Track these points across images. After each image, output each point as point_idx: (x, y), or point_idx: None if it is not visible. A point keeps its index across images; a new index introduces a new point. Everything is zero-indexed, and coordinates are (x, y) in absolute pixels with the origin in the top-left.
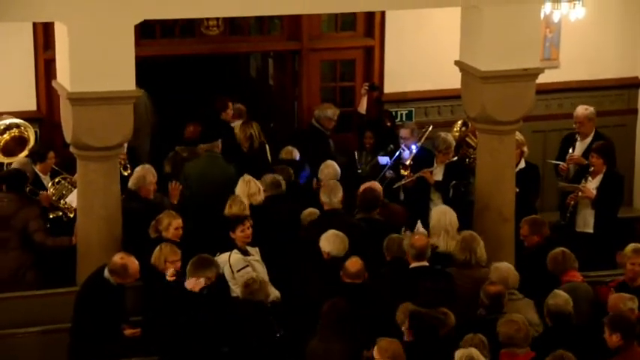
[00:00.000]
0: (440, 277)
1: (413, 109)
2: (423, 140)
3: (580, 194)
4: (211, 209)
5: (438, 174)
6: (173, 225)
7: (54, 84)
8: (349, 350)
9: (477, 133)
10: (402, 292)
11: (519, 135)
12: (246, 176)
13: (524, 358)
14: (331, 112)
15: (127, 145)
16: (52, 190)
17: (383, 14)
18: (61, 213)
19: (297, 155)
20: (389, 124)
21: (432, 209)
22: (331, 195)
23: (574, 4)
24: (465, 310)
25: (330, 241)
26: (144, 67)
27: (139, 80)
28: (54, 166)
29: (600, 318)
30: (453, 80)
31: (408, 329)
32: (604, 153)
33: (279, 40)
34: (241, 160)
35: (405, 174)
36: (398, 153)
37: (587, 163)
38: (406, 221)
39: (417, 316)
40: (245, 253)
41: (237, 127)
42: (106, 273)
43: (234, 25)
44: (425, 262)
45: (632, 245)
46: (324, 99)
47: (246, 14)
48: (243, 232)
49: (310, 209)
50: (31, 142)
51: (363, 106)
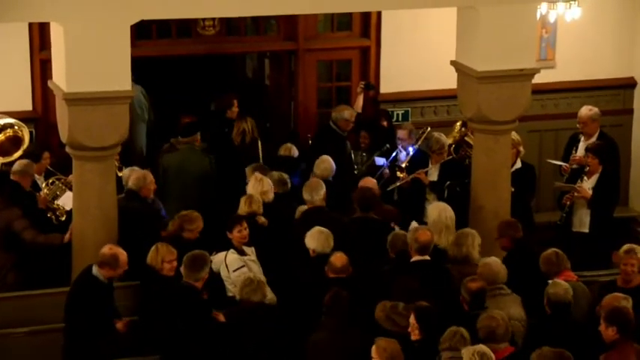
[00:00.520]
0: (416, 277)
1: (409, 109)
2: (420, 142)
3: (576, 194)
4: (187, 200)
5: (433, 174)
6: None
7: (50, 84)
8: (360, 336)
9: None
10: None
11: (515, 135)
12: (258, 174)
13: (503, 353)
14: (348, 114)
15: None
16: (45, 191)
17: (379, 14)
18: (53, 215)
19: (295, 152)
20: (385, 123)
21: (429, 206)
22: (313, 193)
23: (570, 4)
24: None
25: (315, 238)
26: (139, 66)
27: (135, 76)
28: (48, 167)
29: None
30: (449, 80)
31: (416, 327)
32: (599, 153)
33: (275, 41)
34: (230, 154)
35: (401, 176)
36: (394, 154)
37: None
38: (400, 222)
39: (425, 312)
40: (241, 253)
41: None
42: (95, 270)
43: (230, 26)
44: (427, 257)
45: (626, 246)
46: (320, 99)
47: (243, 14)
48: (240, 233)
49: (302, 206)
50: (26, 142)
51: (358, 105)
